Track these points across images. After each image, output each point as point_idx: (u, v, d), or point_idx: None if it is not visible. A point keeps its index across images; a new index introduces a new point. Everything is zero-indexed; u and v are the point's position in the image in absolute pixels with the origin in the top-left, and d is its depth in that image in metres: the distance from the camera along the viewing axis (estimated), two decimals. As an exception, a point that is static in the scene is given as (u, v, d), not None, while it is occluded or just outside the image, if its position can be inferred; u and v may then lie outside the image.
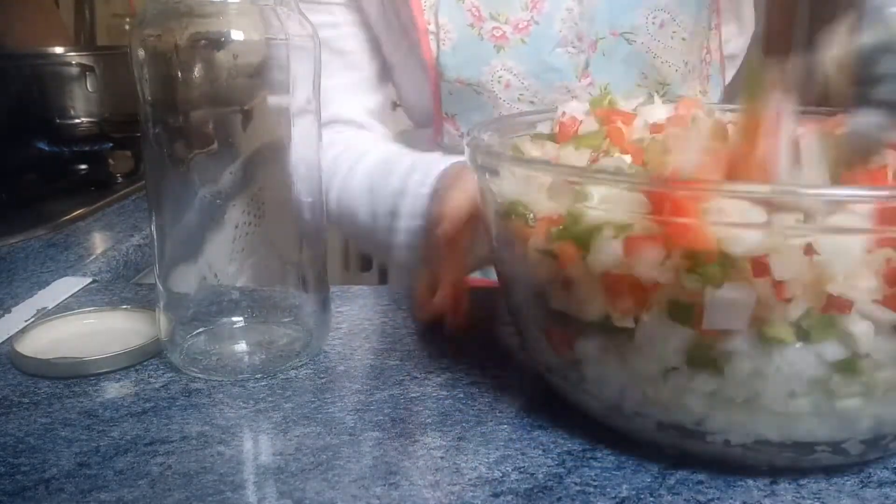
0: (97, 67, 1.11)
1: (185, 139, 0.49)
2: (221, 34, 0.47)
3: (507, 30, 0.75)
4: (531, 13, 0.75)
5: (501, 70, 0.76)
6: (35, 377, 0.51)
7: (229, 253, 0.52)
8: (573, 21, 0.75)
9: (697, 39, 0.78)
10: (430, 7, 0.76)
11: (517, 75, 0.77)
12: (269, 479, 0.40)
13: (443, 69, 0.78)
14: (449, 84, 0.79)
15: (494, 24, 0.75)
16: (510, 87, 0.77)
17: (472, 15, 0.75)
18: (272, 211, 0.53)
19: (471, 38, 0.76)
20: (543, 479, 0.39)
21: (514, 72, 0.76)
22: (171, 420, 0.45)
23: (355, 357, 0.54)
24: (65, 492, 0.39)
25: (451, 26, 0.76)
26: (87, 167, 1.12)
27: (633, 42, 0.76)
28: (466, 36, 0.76)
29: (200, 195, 0.50)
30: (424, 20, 0.76)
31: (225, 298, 0.53)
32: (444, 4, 0.75)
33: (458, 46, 0.76)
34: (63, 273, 0.72)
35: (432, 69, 0.79)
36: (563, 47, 0.76)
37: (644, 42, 0.76)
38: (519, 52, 0.76)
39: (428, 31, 0.77)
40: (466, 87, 0.78)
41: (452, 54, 0.77)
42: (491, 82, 0.77)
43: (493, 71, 0.76)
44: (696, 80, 0.81)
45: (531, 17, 0.75)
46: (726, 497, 0.38)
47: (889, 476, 0.39)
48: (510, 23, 0.75)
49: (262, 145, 0.51)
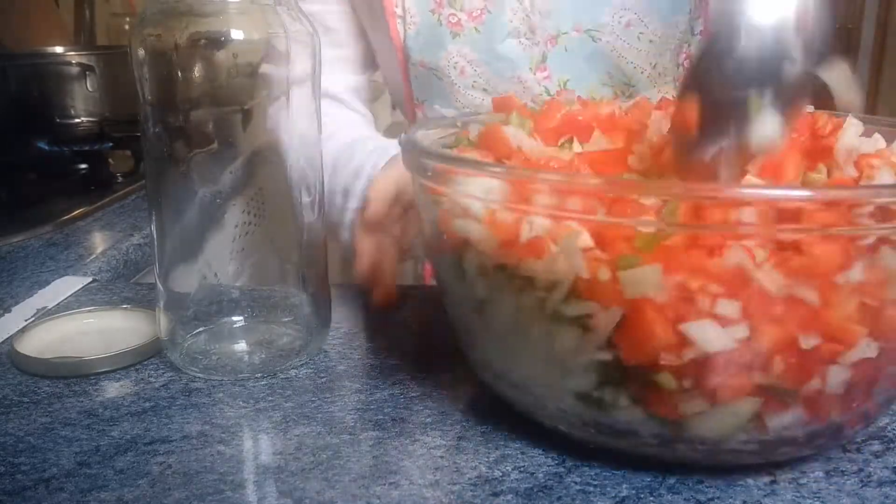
0: (97, 67, 1.11)
1: (185, 139, 0.49)
2: (221, 33, 0.47)
3: (462, 17, 0.77)
4: (485, 2, 0.76)
5: (457, 56, 0.78)
6: (35, 377, 0.51)
7: (229, 252, 0.52)
8: (524, 13, 0.76)
9: (670, 43, 0.78)
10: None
11: (471, 62, 0.78)
12: (269, 478, 0.40)
13: (409, 52, 0.80)
14: (415, 68, 0.81)
15: (451, 11, 0.77)
16: (465, 73, 0.79)
17: (433, 1, 0.77)
18: (272, 210, 0.53)
19: (432, 22, 0.78)
20: (543, 478, 0.39)
21: (468, 59, 0.78)
22: (171, 419, 0.45)
23: (355, 356, 0.54)
24: (65, 491, 0.39)
25: (415, 10, 0.78)
26: (87, 167, 1.12)
27: (598, 40, 0.76)
28: (428, 21, 0.78)
29: (200, 195, 0.50)
30: (392, 2, 0.79)
31: (225, 298, 0.53)
32: None
33: (420, 30, 0.78)
34: (63, 272, 0.72)
35: (400, 51, 0.81)
36: (515, 38, 0.77)
37: (609, 41, 0.76)
38: (472, 39, 0.77)
39: (395, 15, 0.79)
40: (429, 71, 0.80)
41: (416, 38, 0.79)
42: (448, 67, 0.79)
43: (449, 56, 0.78)
44: (668, 83, 0.81)
45: (484, 6, 0.77)
46: (726, 496, 0.38)
47: (889, 475, 0.39)
48: (465, 10, 0.77)
49: (262, 145, 0.51)
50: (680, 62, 0.81)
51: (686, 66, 0.81)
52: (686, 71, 0.40)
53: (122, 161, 1.16)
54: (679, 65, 0.81)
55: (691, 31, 0.80)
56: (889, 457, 0.41)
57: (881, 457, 0.41)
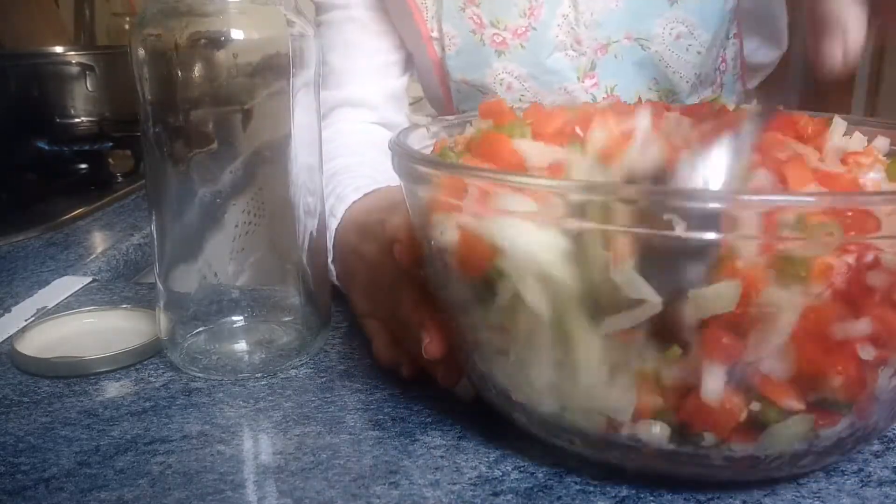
0: (97, 67, 1.11)
1: (185, 138, 0.49)
2: (221, 33, 0.47)
3: (506, 36, 0.78)
4: (529, 20, 0.78)
5: (503, 73, 0.80)
6: (35, 376, 0.51)
7: (229, 252, 0.52)
8: (569, 27, 0.78)
9: (713, 52, 0.80)
10: (433, 17, 0.80)
11: (518, 78, 0.80)
12: (269, 478, 0.40)
13: (449, 70, 0.82)
14: (456, 84, 0.83)
15: (495, 31, 0.78)
16: (511, 88, 0.80)
17: (473, 22, 0.79)
18: (272, 210, 0.53)
19: (473, 43, 0.79)
20: (543, 477, 0.39)
21: (514, 74, 0.80)
22: (171, 419, 0.45)
23: (355, 356, 0.54)
24: (65, 491, 0.39)
25: (454, 33, 0.80)
26: (87, 166, 1.12)
27: (647, 48, 0.78)
28: (469, 42, 0.79)
29: (200, 194, 0.50)
30: (427, 28, 0.80)
31: (225, 297, 0.53)
32: (447, 14, 0.79)
33: (461, 51, 0.80)
34: (63, 272, 0.72)
35: (439, 69, 0.83)
36: (562, 51, 0.78)
37: (658, 51, 0.78)
38: (518, 56, 0.79)
39: (432, 38, 0.81)
40: (472, 87, 0.82)
41: (457, 57, 0.81)
42: (494, 84, 0.80)
43: (495, 74, 0.80)
44: (706, 89, 0.83)
45: (529, 24, 0.78)
46: (726, 496, 0.38)
47: (889, 475, 0.39)
48: (509, 29, 0.78)
49: (263, 144, 0.51)
50: (717, 67, 0.82)
51: (722, 70, 0.83)
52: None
53: (121, 161, 1.16)
54: (716, 69, 0.82)
55: (726, 36, 0.81)
56: (889, 456, 0.41)
57: (881, 457, 0.41)
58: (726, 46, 0.82)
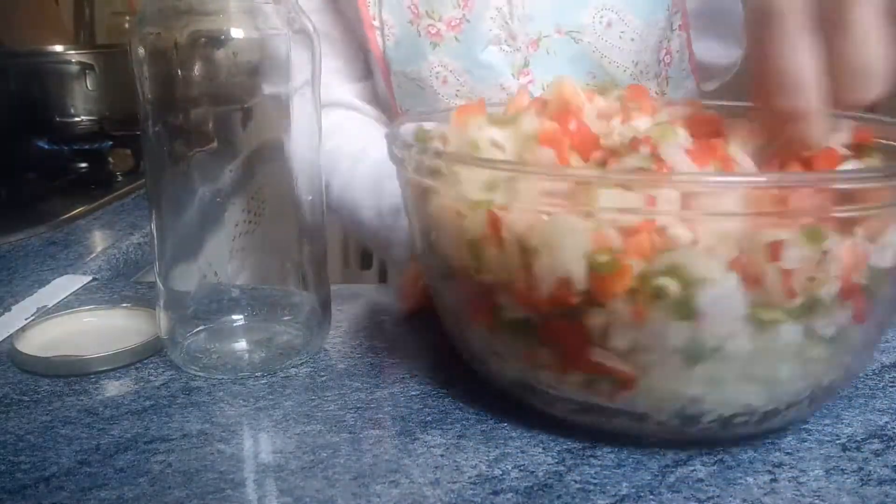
0: (97, 65, 1.11)
1: (185, 137, 0.49)
2: (221, 32, 0.47)
3: (441, 27, 0.77)
4: (462, 11, 0.77)
5: (438, 66, 0.78)
6: (35, 375, 0.51)
7: (229, 251, 0.52)
8: (503, 20, 0.76)
9: (651, 40, 0.78)
10: (374, 3, 0.78)
11: (453, 72, 0.78)
12: (269, 476, 0.40)
13: (389, 62, 0.80)
14: (397, 77, 0.81)
15: (430, 22, 0.77)
16: (447, 83, 0.79)
17: (411, 12, 0.78)
18: (272, 209, 0.53)
19: (411, 34, 0.78)
20: (543, 476, 0.39)
21: (449, 68, 0.78)
22: (171, 418, 0.45)
23: (355, 355, 0.54)
24: (65, 490, 0.39)
25: (393, 22, 0.78)
26: (87, 165, 1.12)
27: (579, 41, 0.76)
28: (407, 32, 0.78)
29: (200, 193, 0.50)
30: (370, 15, 0.79)
31: (225, 296, 0.53)
32: (387, 2, 0.78)
33: (400, 42, 0.79)
34: (63, 271, 0.72)
35: (381, 62, 0.81)
36: (496, 45, 0.77)
37: (591, 41, 0.76)
38: (453, 49, 0.78)
39: (374, 27, 0.79)
40: (411, 80, 0.81)
41: (395, 49, 0.79)
42: (430, 77, 0.79)
43: (431, 66, 0.79)
44: (650, 80, 0.81)
45: (462, 16, 0.77)
46: (726, 495, 0.38)
47: (889, 474, 0.39)
48: (444, 20, 0.77)
49: (262, 143, 0.51)
50: (660, 58, 0.81)
51: (667, 62, 0.81)
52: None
53: (121, 160, 1.16)
54: (660, 61, 0.81)
55: (670, 27, 0.80)
56: (889, 455, 0.41)
57: (881, 455, 0.41)
58: (670, 38, 0.81)
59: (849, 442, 0.42)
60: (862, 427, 0.44)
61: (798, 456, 0.41)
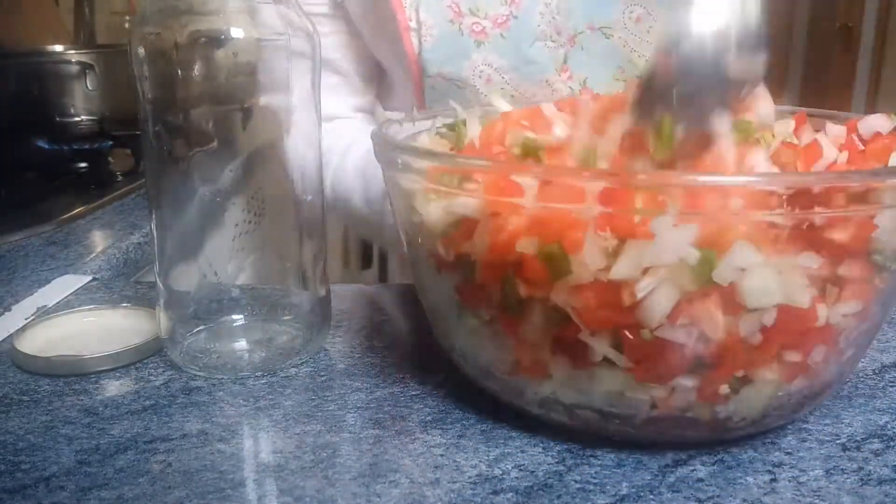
0: (97, 65, 1.11)
1: (184, 137, 0.49)
2: (221, 32, 0.47)
3: (486, 25, 0.77)
4: (510, 8, 0.76)
5: (482, 65, 0.78)
6: (35, 375, 0.51)
7: (229, 251, 0.52)
8: (551, 15, 0.76)
9: None
10: (411, 4, 0.77)
11: (498, 69, 0.78)
12: (269, 476, 0.40)
13: (425, 64, 0.79)
14: (431, 79, 0.80)
15: (474, 20, 0.76)
16: (491, 81, 0.78)
17: (451, 11, 0.77)
18: (272, 209, 0.53)
19: (451, 33, 0.77)
20: (543, 476, 0.39)
21: (494, 66, 0.78)
22: (171, 418, 0.45)
23: (355, 355, 0.54)
24: (65, 490, 0.39)
25: (431, 22, 0.77)
26: (87, 165, 1.12)
27: (610, 36, 0.77)
28: (447, 31, 0.77)
29: (200, 193, 0.50)
30: (405, 17, 0.78)
31: (225, 296, 0.53)
32: (425, 1, 0.77)
33: (439, 42, 0.78)
34: (63, 271, 0.72)
35: (415, 64, 0.80)
36: (542, 41, 0.77)
37: (621, 36, 0.77)
38: (499, 46, 0.77)
39: (409, 28, 0.78)
40: (448, 82, 0.79)
41: (434, 50, 0.78)
42: (472, 77, 0.78)
43: (473, 66, 0.78)
44: None
45: (510, 12, 0.76)
46: (726, 495, 0.38)
47: (889, 474, 0.39)
48: (489, 18, 0.76)
49: (262, 143, 0.51)
50: None
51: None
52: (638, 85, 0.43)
53: (121, 159, 1.16)
54: None
55: None
56: (889, 455, 0.41)
57: (881, 455, 0.41)
58: None
59: (849, 442, 0.42)
60: (862, 427, 0.44)
61: (798, 456, 0.41)
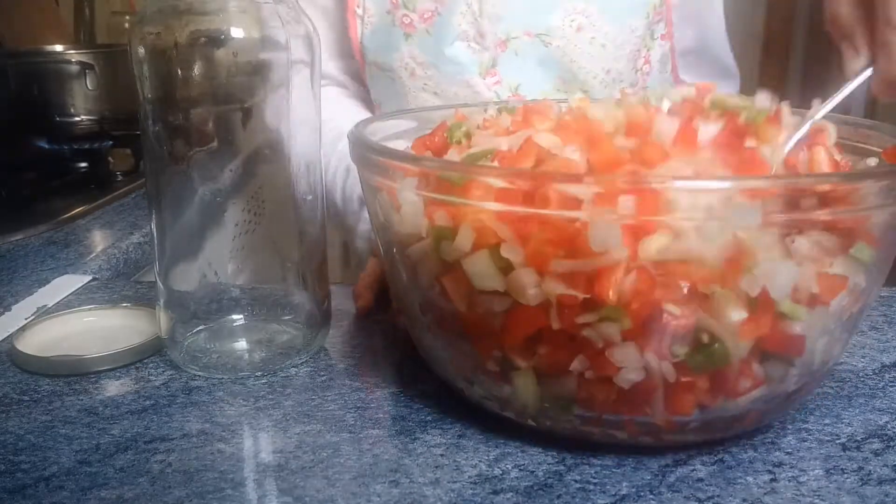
0: (97, 65, 1.11)
1: (185, 137, 0.49)
2: (221, 32, 0.47)
3: (414, 18, 0.77)
4: (435, 4, 0.76)
5: (408, 58, 0.78)
6: (35, 375, 0.51)
7: (229, 251, 0.52)
8: (473, 17, 0.76)
9: (626, 48, 0.76)
10: None
11: (421, 64, 0.78)
12: (269, 476, 0.40)
13: (364, 51, 0.80)
14: (370, 68, 0.81)
15: (405, 12, 0.77)
16: (416, 76, 0.78)
17: (390, 1, 0.77)
18: (272, 209, 0.53)
19: (387, 23, 0.78)
20: (543, 476, 0.39)
21: (418, 60, 0.78)
22: (171, 418, 0.45)
23: (355, 355, 0.54)
24: (65, 489, 0.39)
25: (373, 10, 0.78)
26: (87, 165, 1.12)
27: (549, 44, 0.75)
28: (384, 21, 0.78)
29: (200, 193, 0.50)
30: (354, 1, 0.79)
31: (225, 296, 0.53)
32: None
33: (376, 30, 0.79)
34: (63, 271, 0.72)
35: (357, 51, 0.81)
36: (464, 41, 0.76)
37: (560, 45, 0.75)
38: (423, 41, 0.77)
39: (356, 14, 0.79)
40: (383, 72, 0.80)
41: (371, 37, 0.79)
42: (400, 69, 0.79)
43: (402, 58, 0.78)
44: (625, 88, 0.78)
45: (435, 8, 0.76)
46: (726, 494, 0.38)
47: (889, 473, 0.39)
48: (417, 11, 0.77)
49: (262, 143, 0.51)
50: (638, 67, 0.79)
51: (645, 72, 0.80)
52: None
53: (121, 159, 1.16)
54: (637, 70, 0.79)
55: (651, 35, 0.78)
56: (889, 455, 0.41)
57: (881, 455, 0.41)
58: (650, 47, 0.79)
59: (849, 442, 0.42)
60: (862, 427, 0.44)
61: (798, 456, 0.41)
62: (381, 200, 0.44)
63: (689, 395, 0.38)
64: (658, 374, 0.37)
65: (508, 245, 0.37)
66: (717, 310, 0.36)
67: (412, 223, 0.41)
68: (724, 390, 0.39)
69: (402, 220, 0.41)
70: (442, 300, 0.41)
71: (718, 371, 0.38)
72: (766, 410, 0.41)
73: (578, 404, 0.40)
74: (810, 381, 0.42)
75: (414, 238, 0.41)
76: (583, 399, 0.39)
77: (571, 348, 0.38)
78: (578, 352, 0.38)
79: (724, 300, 0.36)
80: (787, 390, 0.41)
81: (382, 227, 0.45)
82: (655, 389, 0.38)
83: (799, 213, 0.35)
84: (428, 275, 0.42)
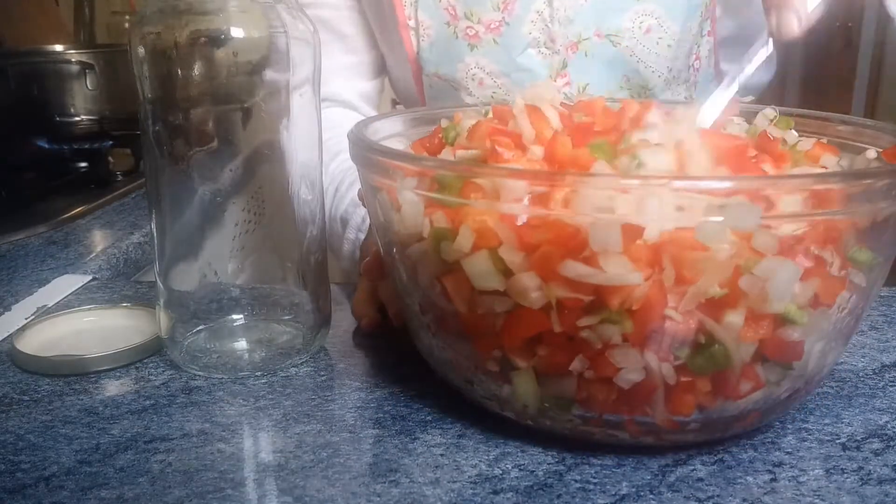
0: (97, 65, 1.11)
1: (185, 137, 0.49)
2: (221, 31, 0.47)
3: (479, 29, 0.77)
4: (502, 14, 0.76)
5: (475, 68, 0.78)
6: (35, 375, 0.51)
7: (229, 250, 0.52)
8: (543, 24, 0.76)
9: (684, 46, 0.79)
10: (411, 4, 0.78)
11: (490, 73, 0.79)
12: (269, 476, 0.40)
13: (423, 63, 0.80)
14: (429, 78, 0.81)
15: (468, 24, 0.77)
16: (483, 84, 0.79)
17: (448, 13, 0.77)
18: (272, 209, 0.53)
19: (447, 35, 0.78)
20: (543, 476, 0.39)
21: (486, 70, 0.78)
22: (171, 417, 0.45)
23: (355, 354, 0.54)
24: (65, 489, 0.39)
25: (429, 23, 0.78)
26: (87, 165, 1.12)
27: (618, 45, 0.77)
28: (443, 33, 0.78)
29: (200, 193, 0.50)
30: (405, 15, 0.79)
31: (225, 296, 0.53)
32: (424, 2, 0.77)
33: (435, 43, 0.79)
34: (63, 271, 0.72)
35: (413, 63, 0.81)
36: (535, 48, 0.77)
37: (629, 46, 0.77)
38: (491, 51, 0.77)
39: (409, 27, 0.79)
40: (444, 82, 0.81)
41: (430, 50, 0.79)
42: (466, 79, 0.79)
43: (467, 68, 0.79)
44: (681, 85, 0.82)
45: (502, 18, 0.77)
46: (726, 494, 0.38)
47: (889, 473, 0.39)
48: (482, 22, 0.77)
49: (262, 143, 0.51)
50: (690, 63, 0.81)
51: (696, 67, 0.82)
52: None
53: (121, 159, 1.16)
54: (690, 66, 0.82)
55: (700, 33, 0.81)
56: (889, 455, 0.41)
57: (881, 455, 0.41)
58: (700, 44, 0.81)
59: (849, 441, 0.42)
60: (862, 427, 0.44)
61: (798, 455, 0.41)
62: (381, 200, 0.44)
63: (689, 396, 0.38)
64: (658, 374, 0.37)
65: (507, 247, 0.37)
66: (717, 312, 0.36)
67: (412, 223, 0.41)
68: (726, 392, 0.39)
69: (402, 220, 0.41)
70: (442, 300, 0.41)
71: (720, 373, 0.38)
72: (766, 410, 0.41)
73: (578, 404, 0.40)
74: (810, 382, 0.42)
75: (414, 238, 0.41)
76: (583, 399, 0.39)
77: (571, 349, 0.38)
78: (578, 352, 0.38)
79: (724, 301, 0.36)
80: (786, 393, 0.40)
81: (382, 227, 0.45)
82: (656, 390, 0.38)
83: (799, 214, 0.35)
84: (428, 275, 0.42)
